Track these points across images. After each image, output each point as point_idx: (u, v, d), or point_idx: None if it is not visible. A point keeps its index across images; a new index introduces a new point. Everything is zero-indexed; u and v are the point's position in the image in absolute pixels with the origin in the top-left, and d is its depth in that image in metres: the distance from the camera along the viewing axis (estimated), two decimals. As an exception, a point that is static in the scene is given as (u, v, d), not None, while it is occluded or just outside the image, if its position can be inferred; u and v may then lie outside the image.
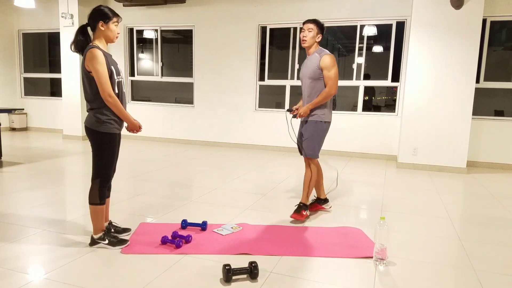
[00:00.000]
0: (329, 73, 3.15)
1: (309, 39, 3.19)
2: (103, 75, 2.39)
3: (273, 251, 2.62)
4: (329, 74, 3.15)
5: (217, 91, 7.31)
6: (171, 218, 3.23)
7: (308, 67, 3.23)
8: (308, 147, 3.26)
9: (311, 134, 3.24)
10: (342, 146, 6.63)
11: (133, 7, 7.62)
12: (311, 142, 3.25)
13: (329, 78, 3.16)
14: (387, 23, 6.28)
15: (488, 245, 2.88)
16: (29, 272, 2.24)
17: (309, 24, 3.19)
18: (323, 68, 3.15)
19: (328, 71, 3.15)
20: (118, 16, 2.54)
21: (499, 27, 5.91)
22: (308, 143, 3.26)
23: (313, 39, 3.20)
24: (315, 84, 3.20)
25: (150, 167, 5.28)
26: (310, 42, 3.20)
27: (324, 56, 3.15)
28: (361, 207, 3.75)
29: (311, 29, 3.18)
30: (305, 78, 3.25)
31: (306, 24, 3.21)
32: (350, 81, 6.64)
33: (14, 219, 3.10)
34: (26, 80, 8.93)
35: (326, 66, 3.15)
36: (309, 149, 3.26)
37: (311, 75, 3.19)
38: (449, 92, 5.46)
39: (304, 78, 3.26)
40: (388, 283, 2.24)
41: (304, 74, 3.26)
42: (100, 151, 2.53)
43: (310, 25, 3.19)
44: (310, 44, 3.22)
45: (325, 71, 3.16)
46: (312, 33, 3.18)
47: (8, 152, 6.00)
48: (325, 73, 3.17)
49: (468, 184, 4.86)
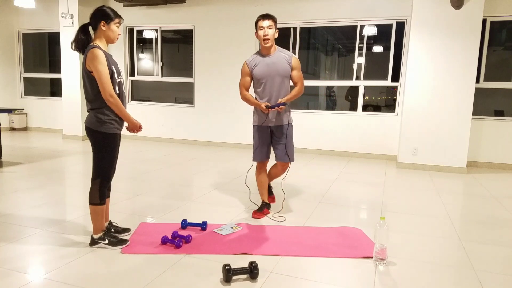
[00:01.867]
0: (299, 73, 3.21)
1: (271, 37, 3.10)
2: (104, 75, 2.40)
3: (273, 251, 2.62)
4: (300, 75, 3.22)
5: (217, 91, 7.31)
6: (171, 218, 3.23)
7: (277, 65, 3.14)
8: (292, 152, 3.29)
9: (291, 137, 3.29)
10: (342, 146, 6.63)
11: (133, 7, 7.62)
12: (292, 145, 3.30)
13: (300, 78, 3.21)
14: (387, 23, 6.28)
15: (488, 245, 2.88)
16: (29, 272, 2.24)
17: (268, 20, 3.08)
18: (294, 68, 3.18)
19: (298, 72, 3.20)
20: (120, 17, 2.55)
21: (499, 27, 5.91)
22: (291, 147, 3.28)
23: (273, 36, 3.12)
24: (286, 82, 3.20)
25: (150, 167, 5.28)
26: (272, 40, 3.13)
27: (294, 57, 3.20)
28: (361, 207, 3.75)
29: (271, 26, 3.08)
30: (275, 75, 3.14)
31: (264, 20, 3.06)
32: (350, 81, 6.64)
33: (14, 219, 3.10)
34: (26, 80, 8.93)
35: (297, 66, 3.19)
36: (292, 154, 3.29)
37: (284, 73, 3.15)
38: (449, 92, 5.46)
39: (274, 75, 3.14)
40: (388, 283, 2.24)
41: (275, 72, 3.14)
42: (100, 151, 2.53)
43: (269, 22, 3.07)
44: (272, 42, 3.15)
45: (295, 71, 3.19)
46: (272, 29, 3.09)
47: (8, 152, 6.00)
48: (296, 73, 3.19)
49: (468, 184, 4.86)
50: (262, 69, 3.18)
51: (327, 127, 6.67)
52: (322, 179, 4.81)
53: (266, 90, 3.19)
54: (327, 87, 7.69)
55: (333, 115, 6.64)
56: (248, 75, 3.24)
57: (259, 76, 3.19)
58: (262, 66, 3.18)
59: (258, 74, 3.19)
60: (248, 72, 3.23)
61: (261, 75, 3.18)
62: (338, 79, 7.34)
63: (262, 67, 3.18)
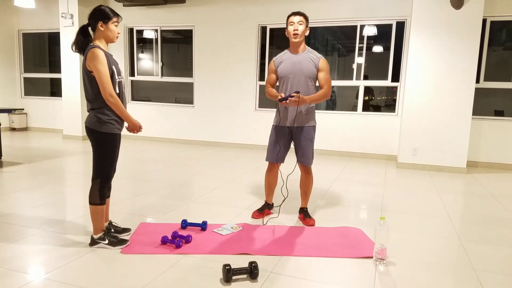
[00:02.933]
0: (327, 76, 3.08)
1: (301, 33, 3.03)
2: (104, 74, 2.39)
3: (273, 251, 2.62)
4: (328, 77, 3.08)
5: (217, 91, 7.31)
6: (171, 218, 3.23)
7: (303, 64, 3.06)
8: (311, 155, 3.18)
9: (312, 140, 3.17)
10: (342, 146, 6.63)
11: (133, 7, 7.62)
12: (312, 148, 3.19)
13: (327, 81, 3.08)
14: (387, 23, 6.28)
15: (488, 245, 2.88)
16: (29, 272, 2.24)
17: (299, 16, 3.03)
18: (322, 69, 3.07)
19: (326, 74, 3.07)
20: (118, 16, 2.53)
21: (499, 27, 5.91)
22: (311, 150, 3.17)
23: (303, 33, 3.06)
24: (311, 83, 3.09)
25: (150, 167, 5.28)
26: (302, 36, 3.06)
27: (323, 59, 3.09)
28: (361, 207, 3.75)
29: (302, 21, 3.03)
30: (299, 74, 3.07)
31: (295, 16, 3.02)
32: (350, 81, 6.64)
33: (14, 219, 3.10)
34: (26, 80, 8.93)
35: (325, 68, 3.08)
36: (312, 157, 3.19)
37: (309, 73, 3.06)
38: (449, 92, 5.46)
39: (298, 74, 3.07)
40: (388, 283, 2.24)
41: (299, 71, 3.07)
42: (100, 151, 2.53)
43: (300, 18, 3.03)
44: (302, 38, 3.07)
45: (323, 73, 3.07)
46: (302, 26, 3.03)
47: (8, 152, 6.00)
48: (323, 75, 3.07)
49: (468, 184, 4.86)
50: (286, 67, 3.11)
51: (327, 127, 6.67)
52: (322, 179, 4.81)
53: (288, 89, 3.10)
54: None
55: (333, 115, 6.64)
56: (274, 72, 3.19)
57: (283, 73, 3.12)
58: (287, 64, 3.12)
59: (282, 71, 3.13)
60: (274, 70, 3.19)
61: (285, 72, 3.11)
62: (338, 79, 7.34)
63: (287, 65, 3.11)
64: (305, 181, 3.28)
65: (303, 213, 3.28)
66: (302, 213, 3.29)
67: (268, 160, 3.28)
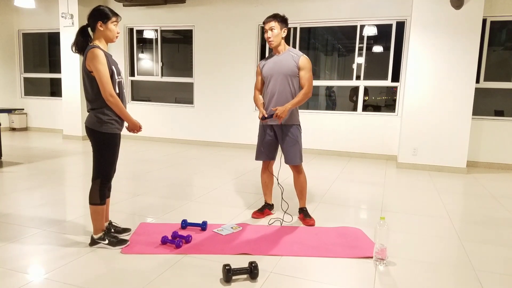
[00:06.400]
0: (307, 74, 3.08)
1: (275, 38, 3.07)
2: (104, 74, 2.39)
3: (273, 251, 2.62)
4: (308, 76, 3.09)
5: (217, 91, 7.32)
6: (171, 218, 3.23)
7: (283, 63, 3.09)
8: (298, 154, 3.17)
9: (297, 139, 3.16)
10: (342, 146, 6.63)
11: (133, 7, 7.62)
12: (298, 147, 3.18)
13: (307, 80, 3.08)
14: (387, 23, 6.28)
15: (488, 245, 2.88)
16: (29, 272, 2.24)
17: (270, 22, 3.08)
18: (302, 68, 3.07)
19: (306, 73, 3.08)
20: (117, 15, 2.53)
21: (499, 27, 5.91)
22: (297, 149, 3.17)
23: (278, 36, 3.08)
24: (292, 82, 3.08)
25: (150, 167, 5.28)
26: (277, 41, 3.09)
27: (303, 57, 3.09)
28: (361, 207, 3.75)
29: (273, 27, 3.06)
30: (278, 74, 3.09)
31: (267, 23, 3.07)
32: (350, 81, 6.64)
33: (14, 219, 3.10)
34: (26, 80, 8.93)
35: (305, 67, 3.08)
36: (299, 156, 3.18)
37: (288, 71, 3.07)
38: (449, 92, 5.46)
39: (277, 74, 3.09)
40: (388, 283, 2.24)
41: (278, 70, 3.09)
42: (101, 151, 2.53)
43: (271, 23, 3.07)
44: (277, 42, 3.10)
45: (303, 71, 3.08)
46: (276, 30, 3.07)
47: (8, 152, 6.00)
48: (303, 74, 3.08)
49: (468, 184, 4.86)
50: (268, 67, 3.15)
51: (327, 127, 6.67)
52: (322, 179, 4.81)
53: (268, 89, 3.14)
54: (327, 87, 7.69)
55: (333, 115, 6.64)
56: (259, 74, 3.24)
57: (265, 74, 3.17)
58: (269, 64, 3.16)
59: (264, 72, 3.17)
60: (259, 72, 3.23)
61: (267, 73, 3.15)
62: (338, 79, 7.34)
63: (269, 65, 3.16)
64: (298, 180, 3.29)
65: (303, 213, 3.29)
66: (302, 213, 3.29)
67: (257, 159, 3.32)
